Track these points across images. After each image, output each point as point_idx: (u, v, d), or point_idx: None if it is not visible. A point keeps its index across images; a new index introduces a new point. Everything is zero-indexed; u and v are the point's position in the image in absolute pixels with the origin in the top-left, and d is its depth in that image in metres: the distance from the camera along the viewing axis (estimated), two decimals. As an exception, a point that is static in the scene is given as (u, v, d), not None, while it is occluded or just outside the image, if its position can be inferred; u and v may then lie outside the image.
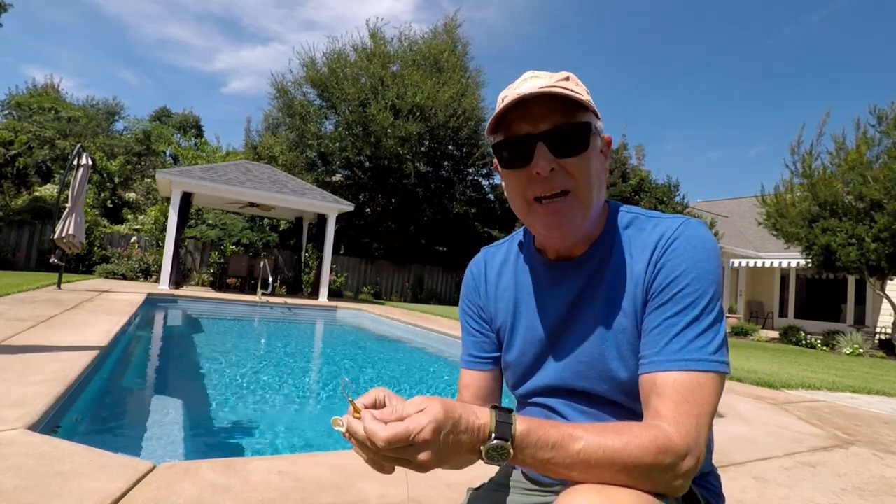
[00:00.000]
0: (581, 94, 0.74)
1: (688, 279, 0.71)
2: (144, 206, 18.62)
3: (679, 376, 0.67)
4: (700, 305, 0.70)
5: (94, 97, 33.68)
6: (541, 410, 0.85)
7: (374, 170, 17.82)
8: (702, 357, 0.67)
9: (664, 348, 0.69)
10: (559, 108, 0.73)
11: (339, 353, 6.57)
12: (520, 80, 0.78)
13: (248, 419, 3.22)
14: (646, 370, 0.71)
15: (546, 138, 0.72)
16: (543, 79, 0.76)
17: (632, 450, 0.60)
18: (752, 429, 2.99)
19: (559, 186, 0.74)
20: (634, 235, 0.79)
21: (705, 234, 0.75)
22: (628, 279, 0.77)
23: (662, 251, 0.74)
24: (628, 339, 0.76)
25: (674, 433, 0.63)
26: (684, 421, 0.64)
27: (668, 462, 0.61)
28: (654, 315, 0.72)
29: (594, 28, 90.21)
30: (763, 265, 15.94)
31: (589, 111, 0.75)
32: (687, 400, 0.65)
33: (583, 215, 0.76)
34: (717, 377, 0.68)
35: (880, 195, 9.67)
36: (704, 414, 0.65)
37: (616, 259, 0.79)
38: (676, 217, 0.79)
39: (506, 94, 0.78)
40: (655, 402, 0.67)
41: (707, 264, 0.72)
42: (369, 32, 18.27)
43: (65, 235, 8.03)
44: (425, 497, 1.63)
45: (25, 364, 2.86)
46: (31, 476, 1.50)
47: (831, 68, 78.05)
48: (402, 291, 17.93)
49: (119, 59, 71.59)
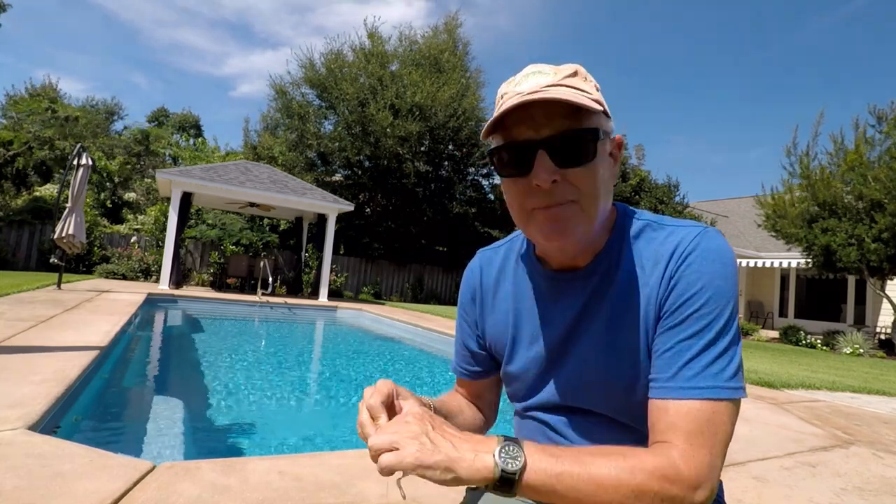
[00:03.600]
0: (589, 92, 0.67)
1: (704, 298, 0.66)
2: (144, 206, 18.62)
3: (693, 405, 0.63)
4: (716, 328, 0.65)
5: (93, 97, 33.66)
6: (538, 426, 0.82)
7: (374, 170, 17.81)
8: (717, 384, 0.63)
9: (677, 374, 0.65)
10: (564, 112, 0.65)
11: (340, 353, 6.57)
12: (521, 76, 0.70)
13: (248, 419, 3.22)
14: (658, 395, 0.66)
15: (548, 146, 0.65)
16: (548, 75, 0.68)
17: (637, 474, 0.57)
18: (753, 429, 2.99)
19: (562, 199, 0.66)
20: (645, 246, 0.73)
21: (723, 246, 0.69)
22: (639, 294, 0.71)
23: (677, 265, 0.68)
24: (636, 358, 0.71)
25: (682, 464, 0.59)
26: (696, 453, 0.60)
27: (674, 493, 0.58)
28: (667, 336, 0.67)
29: (600, 31, 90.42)
30: (763, 265, 15.94)
31: (598, 113, 0.67)
32: (701, 431, 0.61)
33: (586, 225, 0.69)
34: (733, 404, 0.64)
35: (881, 195, 9.66)
36: (719, 444, 0.62)
37: (624, 271, 0.73)
38: (692, 225, 0.71)
39: (505, 91, 0.69)
40: (666, 430, 0.63)
41: (725, 282, 0.66)
42: (367, 32, 18.27)
43: (65, 235, 8.02)
44: (425, 497, 1.63)
45: (25, 364, 2.85)
46: (31, 476, 1.50)
47: (833, 70, 78.03)
48: (402, 291, 17.93)
49: (131, 63, 72.46)
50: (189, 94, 76.64)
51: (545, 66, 0.70)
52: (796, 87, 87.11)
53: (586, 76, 0.70)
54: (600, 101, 0.68)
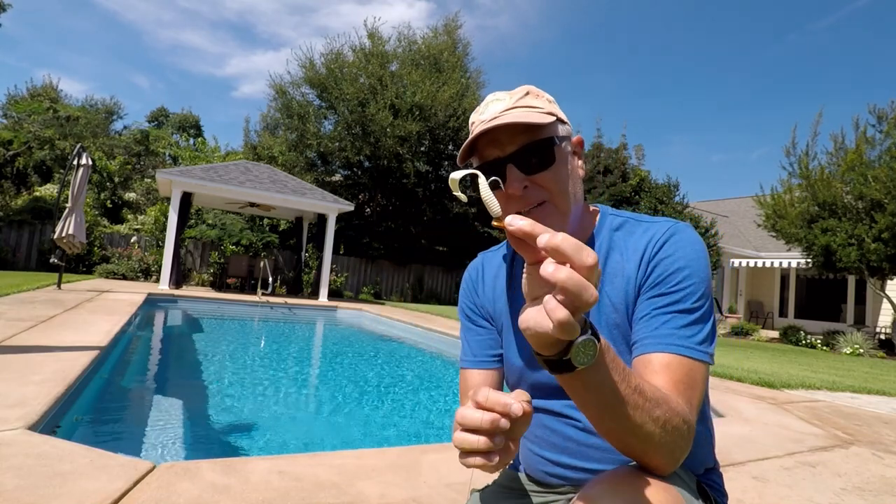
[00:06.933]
0: (541, 107, 0.78)
1: (681, 275, 0.74)
2: (144, 206, 18.62)
3: (672, 359, 0.69)
4: (690, 300, 0.73)
5: (93, 97, 33.66)
6: (538, 415, 0.85)
7: (374, 170, 17.81)
8: (689, 345, 0.70)
9: (655, 331, 0.72)
10: (522, 129, 0.76)
11: (340, 352, 6.57)
12: (483, 105, 0.81)
13: (248, 419, 3.22)
14: (639, 352, 0.73)
15: (514, 160, 0.76)
16: (504, 101, 0.79)
17: (671, 402, 0.62)
18: (753, 428, 2.99)
19: (535, 200, 0.76)
20: (624, 238, 0.82)
21: (695, 236, 0.78)
22: (619, 277, 0.79)
23: (655, 251, 0.77)
24: (622, 334, 0.78)
25: (686, 405, 0.65)
26: (681, 398, 0.66)
27: (684, 431, 0.63)
28: (645, 304, 0.75)
29: (601, 33, 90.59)
30: (763, 265, 15.93)
31: (551, 124, 0.77)
32: (682, 381, 0.68)
33: (562, 221, 0.78)
34: (704, 367, 0.71)
35: (881, 195, 9.66)
36: (696, 398, 0.68)
37: (606, 259, 0.81)
38: (666, 220, 0.81)
39: (474, 120, 0.81)
40: (654, 378, 0.68)
41: (698, 263, 0.75)
42: (367, 32, 18.27)
43: (65, 235, 8.02)
44: (425, 497, 1.63)
45: (25, 364, 2.85)
46: (31, 476, 1.50)
47: (834, 71, 78.05)
48: (402, 291, 17.93)
49: (132, 64, 72.60)
50: (190, 94, 76.78)
51: (501, 93, 0.82)
52: (797, 88, 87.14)
53: (538, 94, 0.82)
54: (553, 112, 0.79)
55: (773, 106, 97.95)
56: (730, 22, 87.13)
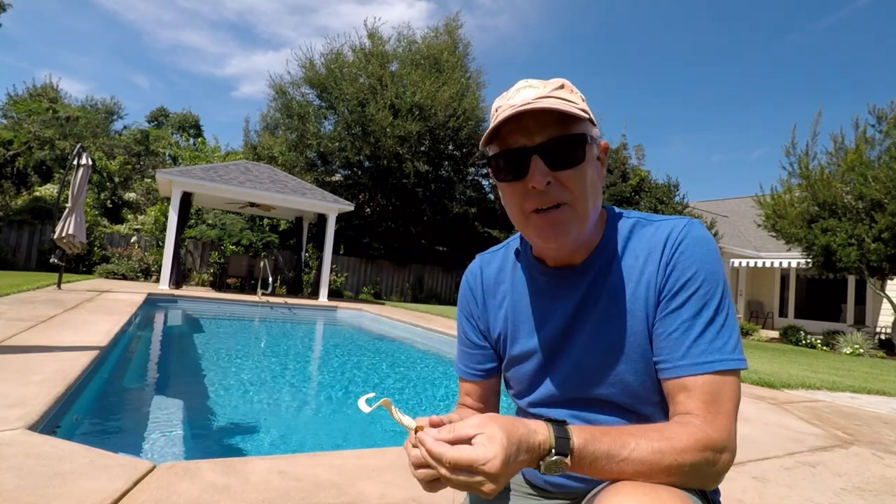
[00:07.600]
0: (576, 102, 0.73)
1: (699, 281, 0.72)
2: (144, 206, 18.61)
3: (707, 379, 0.69)
4: (713, 306, 0.72)
5: (93, 97, 33.66)
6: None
7: (374, 170, 17.81)
8: (724, 357, 0.70)
9: (687, 353, 0.71)
10: (554, 120, 0.71)
11: (339, 352, 6.57)
12: (514, 90, 0.76)
13: (248, 419, 3.22)
14: (673, 375, 0.71)
15: (541, 151, 0.71)
16: (537, 88, 0.74)
17: (677, 444, 0.63)
18: (752, 428, 2.99)
19: (555, 199, 0.72)
20: (637, 240, 0.79)
21: (708, 235, 0.76)
22: (637, 282, 0.76)
23: (672, 252, 0.74)
24: (638, 343, 0.75)
25: (711, 430, 0.66)
26: (717, 419, 0.67)
27: (709, 458, 0.64)
28: (671, 318, 0.73)
29: (601, 33, 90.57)
30: (763, 265, 15.93)
31: (584, 121, 0.73)
32: (717, 400, 0.68)
33: (580, 226, 0.74)
34: (738, 372, 0.72)
35: (881, 195, 9.66)
36: (733, 409, 0.69)
37: (619, 264, 0.78)
38: (678, 218, 0.79)
39: (500, 105, 0.76)
40: (686, 401, 0.69)
41: (713, 265, 0.74)
42: (367, 32, 18.27)
43: (65, 235, 8.02)
44: (425, 497, 1.62)
45: (25, 364, 2.85)
46: (31, 476, 1.50)
47: (834, 71, 78.09)
48: (402, 291, 17.93)
49: (132, 64, 72.66)
50: (190, 94, 76.89)
51: (535, 80, 0.76)
52: (797, 88, 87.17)
53: (572, 89, 0.77)
54: (586, 110, 0.74)
55: (773, 106, 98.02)
56: (730, 22, 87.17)
